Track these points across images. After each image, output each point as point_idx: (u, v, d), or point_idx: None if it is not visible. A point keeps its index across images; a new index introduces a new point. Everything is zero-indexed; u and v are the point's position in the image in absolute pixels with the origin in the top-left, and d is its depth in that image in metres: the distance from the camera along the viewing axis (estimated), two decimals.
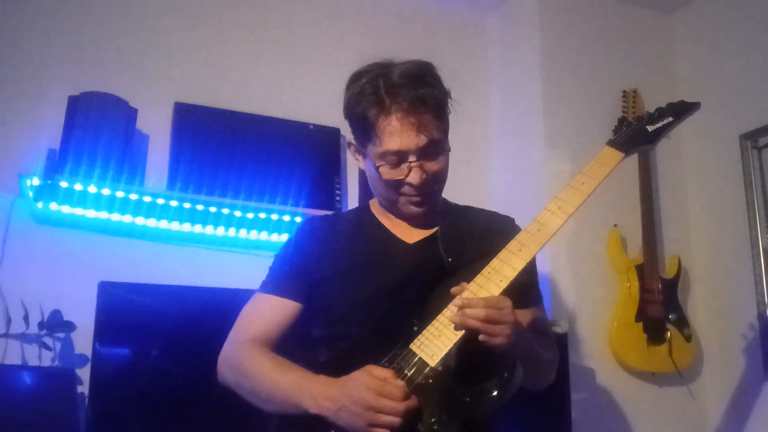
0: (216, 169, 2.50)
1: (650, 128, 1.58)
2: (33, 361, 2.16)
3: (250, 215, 2.46)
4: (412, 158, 1.45)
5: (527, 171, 2.93)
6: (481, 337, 1.28)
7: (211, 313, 2.11)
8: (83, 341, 2.16)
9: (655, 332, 2.75)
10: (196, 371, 2.02)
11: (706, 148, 3.03)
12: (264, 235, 2.51)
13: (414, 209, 1.53)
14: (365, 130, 1.47)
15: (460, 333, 1.31)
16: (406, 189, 1.49)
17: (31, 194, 2.24)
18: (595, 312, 2.78)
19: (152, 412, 2.06)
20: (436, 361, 1.31)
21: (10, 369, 2.09)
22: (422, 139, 1.43)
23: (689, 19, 3.20)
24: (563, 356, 2.47)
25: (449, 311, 1.34)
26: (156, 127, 2.52)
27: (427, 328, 1.35)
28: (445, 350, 1.31)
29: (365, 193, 2.40)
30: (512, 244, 1.40)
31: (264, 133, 2.64)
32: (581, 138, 2.89)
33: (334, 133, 2.72)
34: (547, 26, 3.01)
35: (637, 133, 1.58)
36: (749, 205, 2.82)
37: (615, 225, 2.87)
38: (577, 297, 2.78)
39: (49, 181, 2.18)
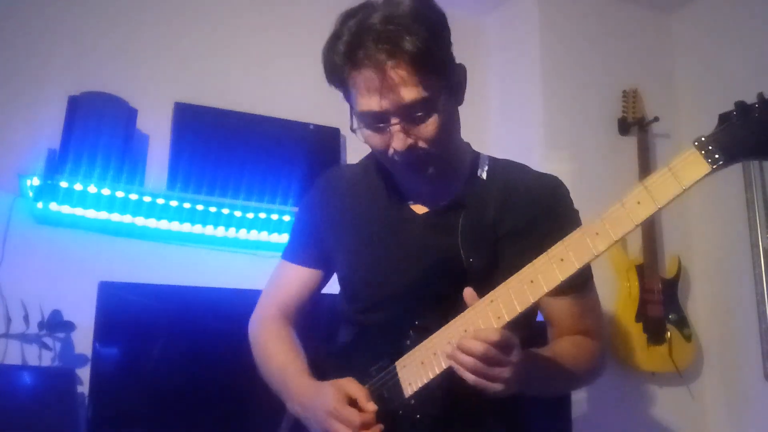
0: (216, 169, 2.50)
1: None
2: (33, 361, 2.16)
3: (250, 215, 2.46)
4: (394, 120, 1.20)
5: None
6: (472, 381, 1.09)
7: (211, 313, 2.11)
8: (83, 341, 2.16)
9: (655, 332, 2.75)
10: (195, 371, 2.03)
11: None
12: (264, 235, 2.51)
13: (413, 174, 1.29)
14: (342, 85, 1.25)
15: (445, 366, 1.14)
16: (395, 156, 1.24)
17: (31, 194, 2.24)
18: None
19: (152, 412, 2.06)
20: (410, 393, 1.19)
21: (10, 369, 2.09)
22: (402, 98, 1.17)
23: (689, 19, 3.19)
24: None
25: (441, 342, 1.16)
26: (156, 127, 2.52)
27: (417, 347, 1.20)
28: (421, 384, 1.18)
29: None
30: (556, 249, 1.09)
31: (264, 133, 2.63)
32: (581, 138, 2.89)
33: (334, 133, 2.72)
34: (546, 26, 3.01)
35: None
36: (749, 205, 2.82)
37: None
38: None
39: (49, 181, 2.18)
